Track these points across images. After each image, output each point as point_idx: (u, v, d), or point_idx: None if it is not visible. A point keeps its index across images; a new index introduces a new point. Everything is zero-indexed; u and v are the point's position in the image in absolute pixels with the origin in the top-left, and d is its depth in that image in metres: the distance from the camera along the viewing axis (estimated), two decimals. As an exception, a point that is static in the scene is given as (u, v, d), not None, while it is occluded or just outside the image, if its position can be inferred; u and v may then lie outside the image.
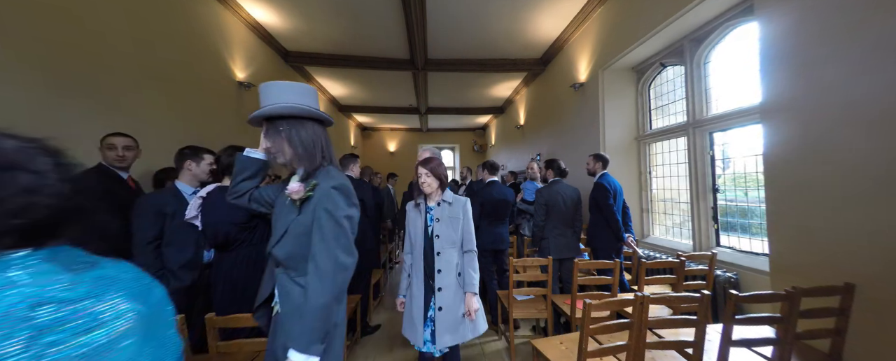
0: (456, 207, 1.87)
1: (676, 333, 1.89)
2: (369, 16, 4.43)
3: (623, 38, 3.69)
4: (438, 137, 12.46)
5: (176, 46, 3.26)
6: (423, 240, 1.85)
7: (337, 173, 1.18)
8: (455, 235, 1.83)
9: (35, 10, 2.10)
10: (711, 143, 3.09)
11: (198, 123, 3.49)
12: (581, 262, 2.34)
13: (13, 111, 1.95)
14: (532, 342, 1.94)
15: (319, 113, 1.18)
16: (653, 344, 1.48)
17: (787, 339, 1.48)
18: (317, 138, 1.18)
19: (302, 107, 1.14)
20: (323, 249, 1.06)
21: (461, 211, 1.87)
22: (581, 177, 3.86)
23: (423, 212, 1.89)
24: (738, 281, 2.49)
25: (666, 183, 3.72)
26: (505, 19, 4.54)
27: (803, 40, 1.85)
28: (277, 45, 5.23)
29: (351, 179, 3.14)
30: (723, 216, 2.99)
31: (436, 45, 5.30)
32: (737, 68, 2.85)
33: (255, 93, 4.62)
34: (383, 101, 8.62)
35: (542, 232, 3.01)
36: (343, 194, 1.13)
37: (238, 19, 4.28)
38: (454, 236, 1.83)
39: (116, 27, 2.64)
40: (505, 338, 3.02)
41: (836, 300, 1.60)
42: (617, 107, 4.14)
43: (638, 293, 1.45)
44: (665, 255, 3.23)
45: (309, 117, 1.18)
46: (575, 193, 3.06)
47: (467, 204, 1.90)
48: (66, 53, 2.25)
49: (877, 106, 1.55)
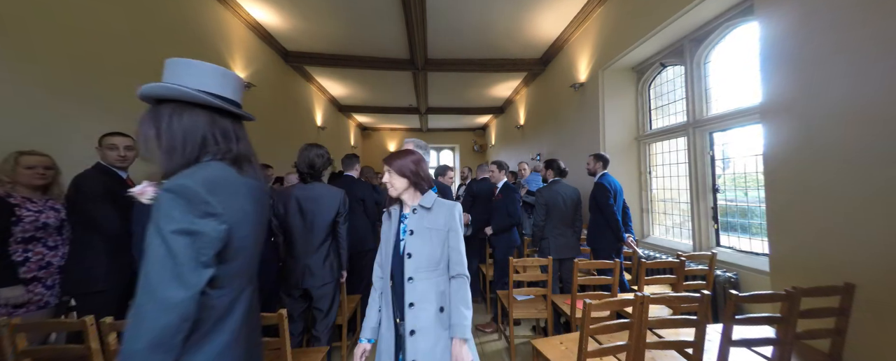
0: (437, 215, 1.37)
1: (676, 333, 1.89)
2: (369, 16, 4.43)
3: (623, 38, 3.69)
4: (438, 137, 12.47)
5: (176, 46, 3.26)
6: (392, 261, 1.37)
7: (205, 168, 0.86)
8: (435, 252, 1.33)
9: (35, 10, 2.10)
10: (711, 143, 3.09)
11: (198, 123, 3.48)
12: (581, 262, 2.34)
13: (13, 111, 1.95)
14: (532, 342, 1.94)
15: (208, 98, 0.89)
16: (653, 344, 1.48)
17: (787, 339, 1.48)
18: (194, 130, 0.89)
19: (175, 89, 0.86)
20: (142, 278, 0.75)
21: (445, 221, 1.36)
22: (581, 177, 3.87)
23: (396, 223, 1.41)
24: (738, 281, 2.49)
25: (666, 183, 3.72)
26: (505, 19, 4.54)
27: (803, 40, 1.85)
28: (277, 45, 5.23)
29: (351, 179, 3.18)
30: (723, 216, 2.99)
31: (436, 45, 5.30)
32: (737, 68, 2.85)
33: (255, 93, 4.62)
34: (383, 101, 8.62)
35: (542, 232, 3.02)
36: (182, 199, 0.78)
37: (238, 19, 4.28)
38: (434, 254, 1.33)
39: (116, 27, 2.64)
40: (505, 338, 3.01)
41: (836, 300, 1.60)
42: (617, 107, 4.14)
43: (638, 293, 1.45)
44: (665, 255, 3.23)
45: (197, 103, 0.90)
46: (575, 193, 3.06)
47: (455, 210, 1.40)
48: (65, 53, 2.25)
49: (877, 106, 1.55)
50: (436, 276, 1.34)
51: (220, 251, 0.83)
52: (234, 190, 0.89)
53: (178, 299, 0.74)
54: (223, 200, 0.84)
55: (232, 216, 0.85)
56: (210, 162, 0.90)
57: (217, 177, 0.86)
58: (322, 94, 7.70)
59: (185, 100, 0.89)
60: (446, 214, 1.38)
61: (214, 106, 0.91)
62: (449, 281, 1.37)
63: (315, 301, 2.07)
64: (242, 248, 0.90)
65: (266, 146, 4.87)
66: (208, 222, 0.81)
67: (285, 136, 5.66)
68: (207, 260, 0.79)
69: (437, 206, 1.40)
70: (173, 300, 0.74)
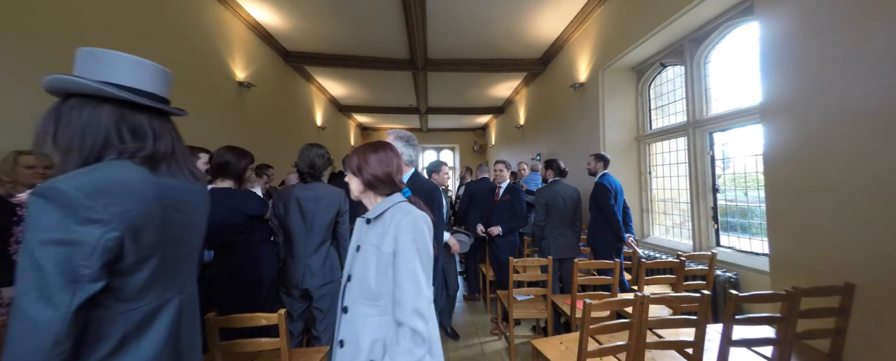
0: (386, 229, 1.05)
1: (676, 333, 1.89)
2: (369, 16, 4.43)
3: (623, 38, 3.69)
4: (438, 137, 12.47)
5: (176, 46, 3.26)
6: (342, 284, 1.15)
7: (97, 169, 0.76)
8: (369, 280, 1.04)
9: (35, 10, 2.10)
10: (711, 143, 3.09)
11: (197, 123, 3.48)
12: (581, 262, 2.34)
13: (11, 110, 1.95)
14: (532, 342, 1.94)
15: (112, 90, 0.79)
16: (653, 344, 1.48)
17: (787, 339, 1.48)
18: (95, 126, 0.79)
19: (71, 80, 0.76)
20: (15, 295, 0.66)
21: (392, 239, 1.03)
22: (581, 177, 3.87)
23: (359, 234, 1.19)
24: (738, 281, 2.49)
25: (666, 183, 3.72)
26: (505, 19, 4.54)
27: (803, 40, 1.85)
28: (277, 45, 5.23)
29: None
30: (723, 216, 2.99)
31: (436, 45, 5.30)
32: (737, 68, 2.85)
33: (255, 93, 4.63)
34: (383, 101, 8.62)
35: (542, 232, 3.02)
36: (53, 204, 0.67)
37: (238, 19, 4.28)
38: (368, 281, 1.04)
39: (116, 27, 2.64)
40: (505, 338, 3.02)
41: (836, 300, 1.60)
42: (617, 107, 4.14)
43: (638, 293, 1.45)
44: (665, 255, 3.23)
45: (103, 97, 0.80)
46: (575, 193, 3.06)
47: (413, 227, 1.03)
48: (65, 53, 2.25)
49: (877, 106, 1.55)
50: (375, 314, 1.04)
51: (115, 261, 0.72)
52: (132, 192, 0.77)
53: (44, 319, 0.64)
54: (113, 204, 0.72)
55: (127, 221, 0.73)
56: (113, 161, 0.80)
57: (110, 178, 0.75)
58: (322, 94, 7.70)
59: (88, 94, 0.79)
60: (396, 230, 1.03)
61: (121, 99, 0.80)
62: (391, 330, 1.01)
63: (315, 300, 2.07)
64: (150, 257, 0.79)
65: (266, 146, 4.88)
66: (90, 229, 0.69)
67: (285, 136, 5.67)
68: (93, 273, 0.68)
69: (390, 218, 1.07)
70: (39, 320, 0.63)
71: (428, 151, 12.97)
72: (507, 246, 3.37)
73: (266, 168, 3.32)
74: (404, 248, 1.03)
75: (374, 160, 1.13)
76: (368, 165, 1.13)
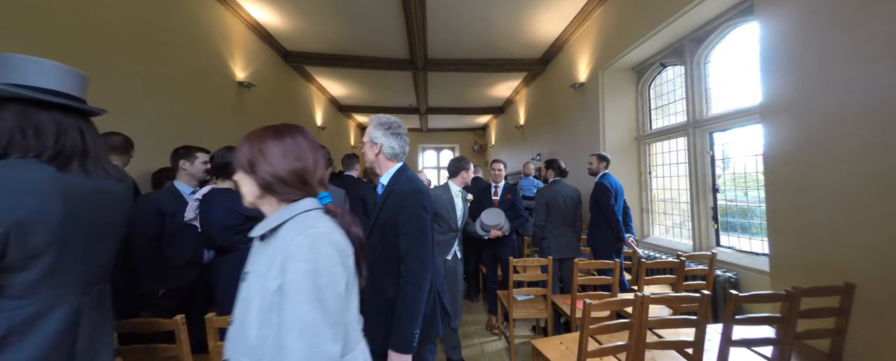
0: (273, 253, 0.74)
1: (676, 333, 1.89)
2: (369, 16, 4.43)
3: (623, 38, 3.69)
4: (438, 137, 12.47)
5: (176, 46, 3.26)
6: None
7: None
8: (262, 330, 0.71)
9: (35, 10, 2.10)
10: (711, 143, 3.09)
11: (197, 123, 3.48)
12: (581, 262, 2.34)
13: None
14: (532, 342, 1.94)
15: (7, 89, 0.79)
16: (653, 344, 1.48)
17: (787, 339, 1.48)
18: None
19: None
20: None
21: (279, 269, 0.70)
22: (581, 177, 3.87)
23: None
24: (738, 281, 2.49)
25: (666, 183, 3.72)
26: (505, 19, 4.54)
27: (803, 40, 1.85)
28: (277, 45, 5.23)
29: (351, 178, 3.18)
30: (723, 216, 2.99)
31: (436, 45, 5.30)
32: (737, 68, 2.85)
33: (255, 93, 4.62)
34: (383, 101, 8.62)
35: (542, 232, 3.01)
36: None
37: (238, 19, 4.28)
38: (261, 330, 0.71)
39: (116, 28, 2.64)
40: (505, 338, 3.01)
41: (836, 300, 1.60)
42: (617, 107, 4.14)
43: (638, 293, 1.45)
44: (665, 255, 3.23)
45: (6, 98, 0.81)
46: (575, 193, 3.06)
47: (316, 247, 0.71)
48: (64, 54, 2.25)
49: (877, 106, 1.55)
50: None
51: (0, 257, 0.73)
52: (24, 190, 0.76)
53: None
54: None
55: (12, 219, 0.73)
56: (14, 160, 0.80)
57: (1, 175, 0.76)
58: (322, 94, 7.70)
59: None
60: (284, 256, 0.70)
61: (25, 98, 0.81)
62: None
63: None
64: (40, 255, 0.77)
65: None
66: None
67: (285, 136, 5.66)
68: None
69: (282, 238, 0.74)
70: None
71: (428, 151, 12.97)
72: (511, 245, 3.36)
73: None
74: (292, 285, 0.68)
75: (276, 152, 0.78)
76: (266, 159, 0.78)
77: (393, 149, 1.41)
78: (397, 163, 1.45)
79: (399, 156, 1.44)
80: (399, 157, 1.44)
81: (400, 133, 1.44)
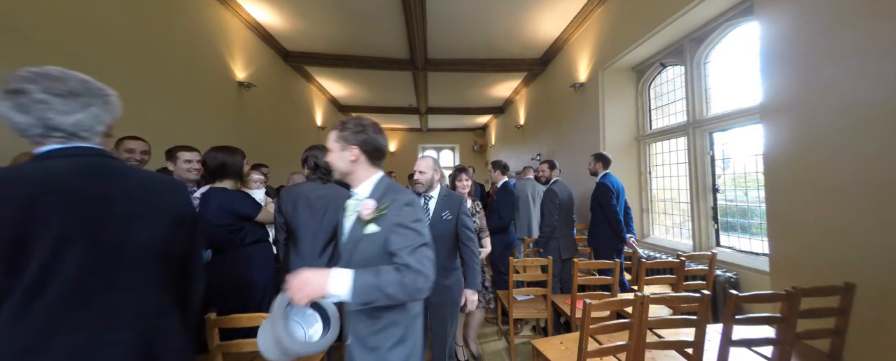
0: None
1: (676, 333, 1.89)
2: (369, 16, 4.43)
3: (623, 38, 3.69)
4: (438, 137, 12.46)
5: (176, 46, 3.26)
6: None
7: None
8: None
9: (35, 10, 2.10)
10: (711, 143, 3.09)
11: (198, 123, 3.48)
12: (581, 262, 2.34)
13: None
14: (532, 342, 1.94)
15: None
16: (653, 344, 1.48)
17: (787, 339, 1.48)
18: None
19: None
20: None
21: None
22: (581, 177, 3.87)
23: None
24: (738, 281, 2.49)
25: (666, 183, 3.72)
26: (505, 19, 4.54)
27: (803, 40, 1.85)
28: (277, 45, 5.23)
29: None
30: (723, 216, 2.99)
31: (436, 45, 5.30)
32: (737, 68, 2.85)
33: (255, 93, 4.62)
34: (383, 101, 8.61)
35: (553, 233, 2.99)
36: None
37: (238, 19, 4.28)
38: None
39: (115, 28, 2.64)
40: (505, 338, 3.02)
41: (836, 300, 1.60)
42: (617, 107, 4.14)
43: (638, 293, 1.45)
44: (665, 255, 3.23)
45: None
46: (571, 192, 3.08)
47: None
48: (64, 54, 2.25)
49: (877, 106, 1.55)
50: None
51: None
52: None
53: None
54: None
55: None
56: None
57: None
58: (322, 94, 7.70)
59: None
60: None
61: None
62: None
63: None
64: None
65: (266, 146, 4.88)
66: None
67: (285, 136, 5.67)
68: None
69: None
70: None
71: (428, 151, 12.97)
72: (499, 246, 3.32)
73: (261, 167, 3.32)
74: None
75: None
76: None
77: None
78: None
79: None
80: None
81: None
